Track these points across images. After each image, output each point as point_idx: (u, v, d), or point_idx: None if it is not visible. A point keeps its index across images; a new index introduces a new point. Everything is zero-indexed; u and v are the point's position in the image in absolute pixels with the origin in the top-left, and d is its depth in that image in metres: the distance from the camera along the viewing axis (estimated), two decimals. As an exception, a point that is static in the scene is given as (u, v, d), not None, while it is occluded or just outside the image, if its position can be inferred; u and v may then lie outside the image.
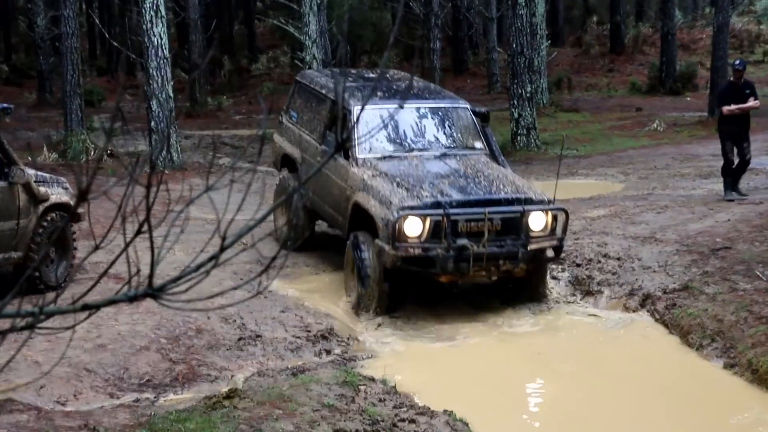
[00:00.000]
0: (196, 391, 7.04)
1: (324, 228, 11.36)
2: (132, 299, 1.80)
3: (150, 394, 6.89)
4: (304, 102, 11.17)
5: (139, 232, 1.92)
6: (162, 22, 16.47)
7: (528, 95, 18.73)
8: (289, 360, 7.92)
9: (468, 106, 10.57)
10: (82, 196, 1.64)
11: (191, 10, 26.85)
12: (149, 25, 16.34)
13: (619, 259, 10.17)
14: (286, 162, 11.40)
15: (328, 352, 8.22)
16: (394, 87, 11.04)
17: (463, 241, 8.72)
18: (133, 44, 23.23)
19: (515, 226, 8.89)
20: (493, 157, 10.17)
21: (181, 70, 29.24)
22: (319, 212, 10.61)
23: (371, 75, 12.17)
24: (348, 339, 8.56)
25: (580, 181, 15.46)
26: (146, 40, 16.45)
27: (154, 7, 16.31)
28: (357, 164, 9.51)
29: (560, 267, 10.26)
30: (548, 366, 8.22)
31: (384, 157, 9.62)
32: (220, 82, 31.68)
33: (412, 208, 8.72)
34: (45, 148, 17.76)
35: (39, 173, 9.07)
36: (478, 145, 10.17)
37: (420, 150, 9.89)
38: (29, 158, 16.11)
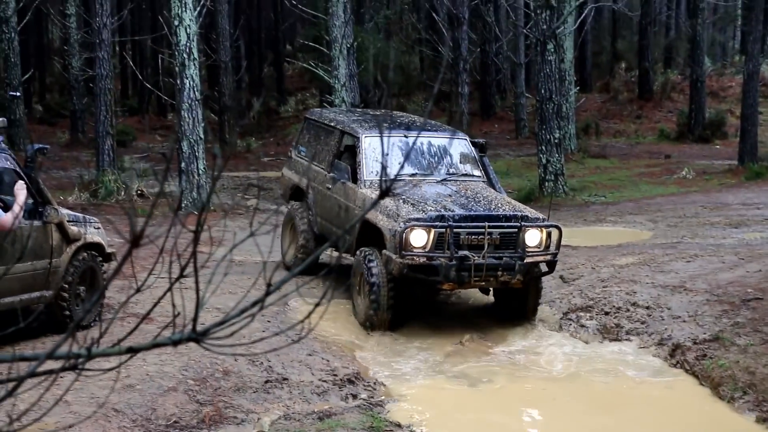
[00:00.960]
0: (223, 433, 7.02)
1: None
2: (176, 343, 1.81)
3: (177, 436, 6.88)
4: (314, 136, 12.08)
5: (181, 275, 1.94)
6: (194, 65, 16.68)
7: (556, 141, 18.75)
8: (316, 404, 7.89)
9: (466, 137, 11.52)
10: (136, 241, 1.66)
11: (222, 52, 27.19)
12: (181, 68, 16.55)
13: (648, 307, 10.09)
14: (295, 193, 12.29)
15: (355, 396, 8.18)
16: (398, 121, 11.87)
17: (464, 252, 9.43)
18: (164, 85, 23.52)
19: (512, 241, 9.65)
20: (490, 184, 11.05)
21: (211, 112, 29.52)
22: (326, 235, 11.21)
23: (376, 113, 13.31)
24: (375, 384, 8.53)
25: (608, 228, 15.40)
26: (178, 81, 16.66)
27: (187, 50, 16.53)
28: (365, 186, 10.41)
29: (588, 315, 10.21)
30: (576, 415, 8.14)
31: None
32: (249, 123, 31.96)
33: (417, 220, 9.47)
34: (77, 188, 17.95)
35: (72, 213, 9.15)
36: (477, 172, 11.05)
37: (423, 175, 10.67)
38: (61, 197, 16.29)
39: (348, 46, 19.03)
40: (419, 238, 9.43)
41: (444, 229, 9.41)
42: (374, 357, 9.28)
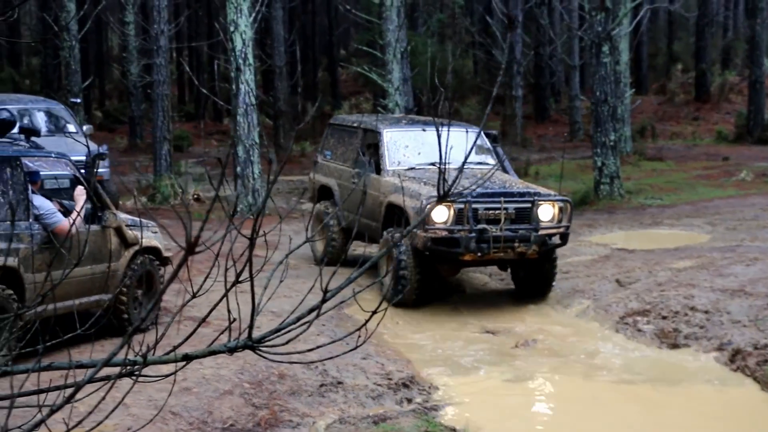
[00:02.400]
0: (279, 436, 7.06)
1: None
2: (232, 351, 1.83)
3: (233, 439, 6.93)
4: (338, 139, 12.94)
5: (237, 281, 1.96)
6: (250, 70, 16.82)
7: (611, 143, 18.55)
8: (371, 408, 7.89)
9: (480, 130, 11.66)
10: (191, 248, 1.68)
11: (277, 57, 27.37)
12: (237, 73, 16.70)
13: (706, 312, 9.94)
14: (322, 193, 13.10)
15: (409, 400, 8.18)
16: (416, 119, 13.08)
17: (483, 225, 10.31)
18: (220, 91, 23.76)
19: (527, 215, 10.50)
20: (504, 170, 12.02)
21: (266, 117, 29.72)
22: (352, 226, 11.95)
23: (398, 116, 14.82)
24: (429, 387, 8.52)
25: (664, 231, 15.20)
26: (234, 86, 16.82)
27: (243, 55, 16.68)
28: (388, 175, 11.36)
29: (645, 319, 10.09)
30: (635, 420, 8.04)
31: (410, 168, 11.43)
32: (304, 127, 32.11)
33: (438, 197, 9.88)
34: (135, 192, 18.19)
35: (130, 217, 9.28)
36: (491, 160, 12.05)
37: (441, 164, 11.10)
38: (120, 202, 16.52)
39: (402, 50, 19.05)
40: (441, 214, 10.28)
41: (463, 205, 10.26)
42: (425, 357, 9.27)
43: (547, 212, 10.58)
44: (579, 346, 9.75)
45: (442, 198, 2.06)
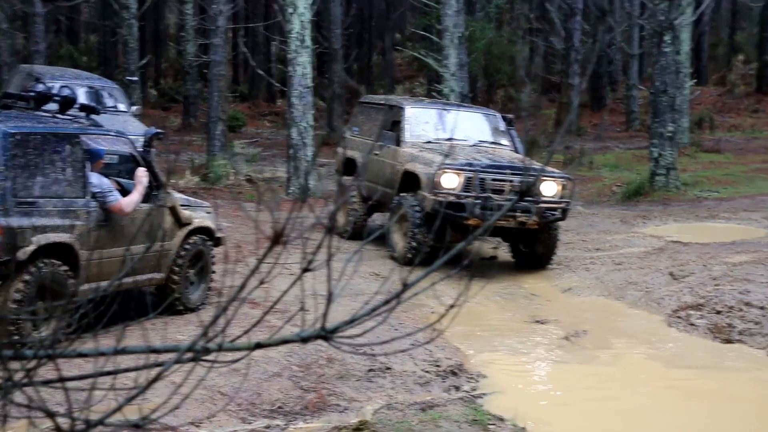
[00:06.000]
0: (326, 420, 7.06)
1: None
2: (305, 340, 1.81)
3: (280, 421, 6.95)
4: (366, 116, 13.89)
5: (307, 268, 1.93)
6: (306, 53, 16.81)
7: (669, 134, 18.27)
8: (418, 394, 7.87)
9: (497, 113, 13.61)
10: (277, 238, 1.66)
11: (333, 40, 27.38)
12: (294, 55, 16.70)
13: (762, 308, 9.77)
14: (347, 166, 13.97)
15: (457, 388, 8.14)
16: (437, 101, 14.27)
17: (488, 194, 11.16)
18: (275, 72, 23.82)
19: (530, 189, 10.94)
20: (515, 151, 12.78)
21: (320, 99, 29.77)
22: (372, 195, 12.82)
23: (423, 99, 15.67)
24: (477, 376, 8.47)
25: (721, 224, 14.96)
26: (290, 69, 16.82)
27: (300, 37, 16.67)
28: (407, 146, 12.31)
29: (698, 313, 9.94)
30: (692, 414, 7.92)
31: (428, 142, 12.39)
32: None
33: (449, 165, 11.24)
34: (188, 172, 18.32)
35: (184, 197, 9.33)
36: (505, 142, 12.97)
37: (457, 140, 12.42)
38: (173, 181, 16.64)
39: (459, 35, 18.93)
40: (450, 181, 11.17)
41: (472, 174, 11.16)
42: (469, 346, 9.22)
43: (550, 188, 11.46)
44: (630, 339, 9.64)
45: (521, 195, 2.01)
